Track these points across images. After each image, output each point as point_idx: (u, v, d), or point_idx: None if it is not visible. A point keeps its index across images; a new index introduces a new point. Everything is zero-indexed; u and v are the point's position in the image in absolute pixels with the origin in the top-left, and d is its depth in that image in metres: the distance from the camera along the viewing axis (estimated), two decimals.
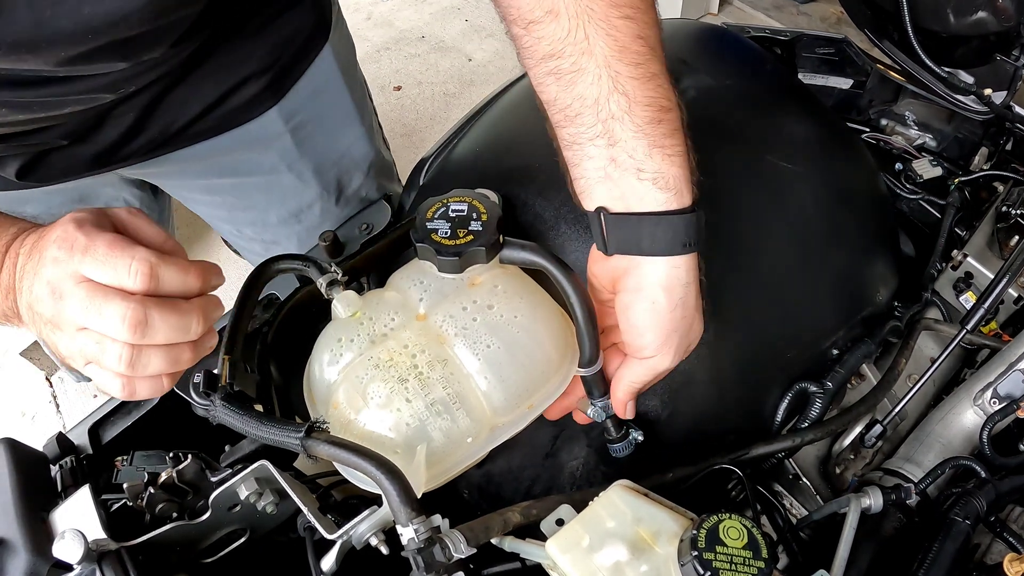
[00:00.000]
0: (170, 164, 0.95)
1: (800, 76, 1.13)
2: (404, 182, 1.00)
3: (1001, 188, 1.00)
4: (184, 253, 0.60)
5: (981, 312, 0.80)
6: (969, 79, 0.98)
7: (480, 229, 0.63)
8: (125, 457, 0.73)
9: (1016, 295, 0.92)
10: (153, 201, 1.12)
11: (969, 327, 0.81)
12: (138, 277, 0.52)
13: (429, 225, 0.64)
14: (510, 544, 0.60)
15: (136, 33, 0.65)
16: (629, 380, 0.66)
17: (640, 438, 0.72)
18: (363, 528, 0.60)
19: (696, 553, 0.50)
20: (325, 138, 1.04)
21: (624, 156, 0.60)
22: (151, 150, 0.91)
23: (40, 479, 0.68)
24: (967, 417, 0.79)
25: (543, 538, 0.58)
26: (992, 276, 0.87)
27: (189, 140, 0.93)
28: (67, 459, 0.72)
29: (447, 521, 0.55)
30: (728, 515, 0.52)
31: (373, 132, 1.14)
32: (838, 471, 0.80)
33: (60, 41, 0.61)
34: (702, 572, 0.49)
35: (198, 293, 0.57)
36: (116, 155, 0.89)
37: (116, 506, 0.65)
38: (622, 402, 0.68)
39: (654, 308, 0.62)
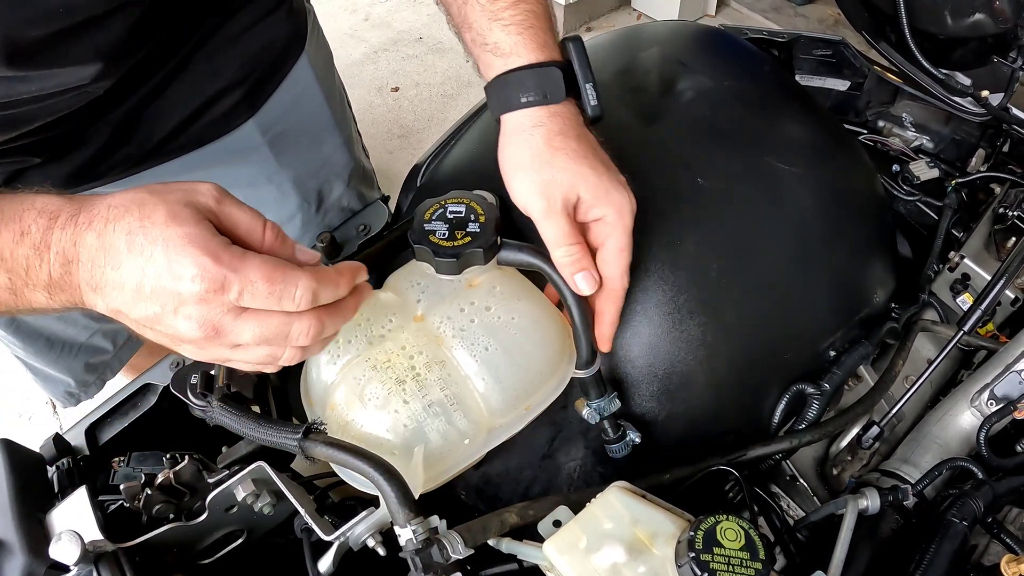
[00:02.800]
0: (147, 180, 0.93)
1: (797, 78, 1.13)
2: (400, 183, 1.00)
3: (998, 190, 1.00)
4: (281, 232, 0.57)
5: (978, 313, 0.81)
6: (966, 81, 0.99)
7: (478, 231, 0.63)
8: (122, 458, 0.73)
9: (1013, 296, 0.92)
10: None
11: (966, 328, 0.81)
12: (302, 303, 0.52)
13: (427, 226, 0.63)
14: (507, 545, 0.60)
15: (80, 20, 0.66)
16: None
17: (637, 439, 0.72)
18: (360, 529, 0.60)
19: (693, 554, 0.50)
20: (304, 148, 1.03)
21: (477, 36, 0.69)
22: (128, 167, 0.89)
23: (37, 480, 0.68)
24: (964, 418, 0.79)
25: (540, 539, 0.58)
26: (989, 277, 0.87)
27: (166, 155, 0.91)
28: (64, 460, 0.71)
29: (445, 522, 0.55)
30: (725, 516, 0.52)
31: (352, 141, 1.12)
32: (835, 472, 0.80)
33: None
34: (699, 573, 0.49)
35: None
36: (92, 172, 0.87)
37: (113, 507, 0.65)
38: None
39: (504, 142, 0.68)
